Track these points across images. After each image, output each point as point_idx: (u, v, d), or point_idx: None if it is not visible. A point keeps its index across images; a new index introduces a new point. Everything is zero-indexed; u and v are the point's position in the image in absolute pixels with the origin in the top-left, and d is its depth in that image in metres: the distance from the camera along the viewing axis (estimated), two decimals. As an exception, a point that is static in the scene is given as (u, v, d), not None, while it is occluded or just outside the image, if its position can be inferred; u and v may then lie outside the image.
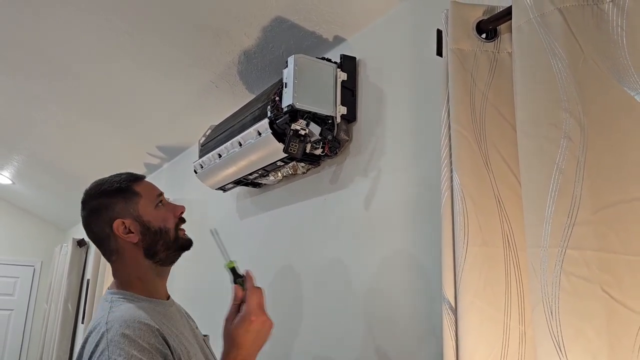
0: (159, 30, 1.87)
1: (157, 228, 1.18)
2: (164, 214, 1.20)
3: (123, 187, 1.20)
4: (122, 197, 1.19)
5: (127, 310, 1.08)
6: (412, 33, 1.40)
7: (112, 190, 1.20)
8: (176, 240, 1.21)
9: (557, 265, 0.80)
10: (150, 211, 1.19)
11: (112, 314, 1.07)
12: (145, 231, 1.18)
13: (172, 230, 1.20)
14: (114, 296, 1.16)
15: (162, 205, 1.21)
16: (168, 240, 1.19)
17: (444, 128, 1.03)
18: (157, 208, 1.20)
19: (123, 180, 1.21)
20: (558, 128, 0.84)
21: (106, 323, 1.04)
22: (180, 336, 1.12)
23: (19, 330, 5.56)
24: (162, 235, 1.19)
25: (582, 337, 0.77)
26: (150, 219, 1.18)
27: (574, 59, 0.85)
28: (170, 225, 1.20)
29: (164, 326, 1.08)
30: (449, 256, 0.97)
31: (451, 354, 0.94)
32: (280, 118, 1.50)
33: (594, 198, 0.79)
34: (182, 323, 1.21)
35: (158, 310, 1.15)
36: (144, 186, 1.22)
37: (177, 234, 1.21)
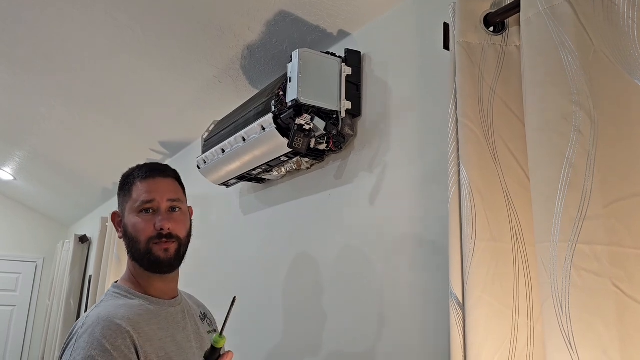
0: (161, 24, 1.86)
1: (130, 234, 1.14)
2: (142, 223, 1.13)
3: (126, 181, 1.19)
4: (122, 190, 1.20)
5: (109, 307, 1.07)
6: (418, 27, 1.39)
7: (122, 180, 1.21)
8: (146, 253, 1.12)
9: (568, 260, 0.79)
10: (130, 216, 1.15)
11: (96, 309, 1.08)
12: (124, 232, 1.17)
13: (142, 243, 1.12)
14: (112, 290, 1.16)
15: (149, 213, 1.14)
16: (138, 249, 1.13)
17: (451, 122, 1.02)
18: (139, 214, 1.14)
19: (131, 175, 1.19)
20: (568, 121, 0.83)
21: (85, 317, 1.05)
22: (166, 340, 1.09)
23: (22, 326, 5.57)
24: (133, 242, 1.14)
25: (593, 332, 0.76)
26: (128, 223, 1.15)
27: (584, 51, 0.84)
28: (142, 237, 1.12)
29: (146, 328, 1.06)
30: (456, 251, 0.97)
31: (459, 349, 0.93)
32: (284, 113, 1.49)
33: (604, 192, 0.78)
34: (182, 325, 1.17)
35: (150, 309, 1.12)
36: (142, 187, 1.16)
37: (149, 249, 1.12)
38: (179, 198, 1.19)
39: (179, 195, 1.20)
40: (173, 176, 1.22)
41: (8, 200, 5.64)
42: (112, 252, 3.50)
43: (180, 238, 1.16)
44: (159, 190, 1.16)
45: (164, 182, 1.18)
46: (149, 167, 1.20)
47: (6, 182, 5.01)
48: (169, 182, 1.20)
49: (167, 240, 1.13)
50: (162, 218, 1.13)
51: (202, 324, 1.27)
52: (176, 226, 1.15)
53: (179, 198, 1.19)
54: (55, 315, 4.68)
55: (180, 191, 1.22)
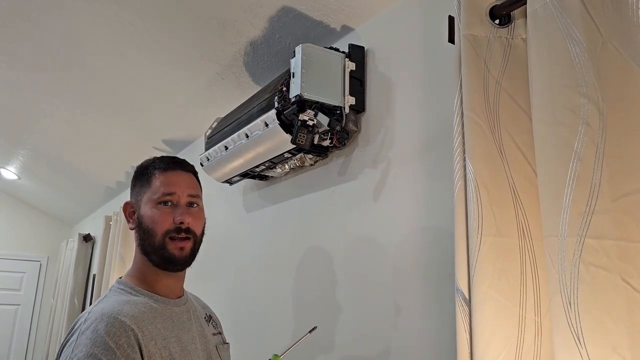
0: (164, 21, 1.86)
1: (146, 226, 1.10)
2: (161, 215, 1.10)
3: (144, 172, 1.16)
4: (139, 180, 1.16)
5: (113, 303, 1.04)
6: (422, 21, 1.37)
7: (138, 171, 1.18)
8: (161, 247, 1.09)
9: (576, 254, 0.78)
10: (147, 207, 1.11)
11: (100, 304, 1.05)
12: (140, 224, 1.12)
13: (158, 236, 1.09)
14: (117, 285, 1.13)
15: (168, 205, 1.11)
16: (152, 243, 1.09)
17: (456, 116, 1.01)
18: (157, 207, 1.10)
19: (151, 166, 1.16)
20: (576, 114, 0.82)
21: (89, 313, 1.02)
22: (170, 340, 1.06)
23: (26, 325, 5.58)
24: (148, 235, 1.10)
25: (602, 328, 0.75)
26: (145, 214, 1.11)
27: (593, 43, 0.83)
28: (158, 230, 1.09)
29: (150, 327, 1.03)
30: (462, 247, 0.95)
31: (465, 346, 0.92)
32: (287, 109, 1.48)
33: (613, 185, 0.77)
34: (187, 326, 1.14)
35: (155, 308, 1.08)
36: (162, 179, 1.13)
37: (164, 244, 1.09)
38: (197, 194, 1.16)
39: (197, 191, 1.17)
40: (192, 171, 1.19)
41: (12, 199, 5.65)
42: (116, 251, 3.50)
43: (196, 235, 1.13)
44: (180, 183, 1.13)
45: (185, 176, 1.16)
46: (169, 159, 1.17)
47: (10, 181, 5.02)
48: (189, 177, 1.17)
49: (185, 235, 1.10)
50: (183, 212, 1.10)
51: (208, 325, 1.24)
52: (194, 222, 1.12)
53: (197, 194, 1.16)
54: (59, 314, 4.69)
55: (198, 187, 1.19)
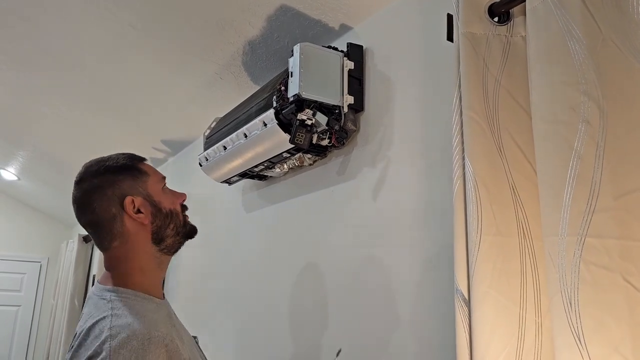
0: (162, 21, 1.85)
1: (167, 210, 1.13)
2: (170, 197, 1.15)
3: (129, 164, 1.12)
4: (129, 174, 1.10)
5: (136, 317, 0.97)
6: (421, 19, 1.36)
7: (117, 166, 1.10)
8: (184, 224, 1.16)
9: (576, 254, 0.77)
10: (159, 192, 1.13)
11: (117, 319, 0.96)
12: (157, 212, 1.11)
13: (180, 214, 1.15)
14: (113, 295, 1.03)
15: (166, 189, 1.17)
16: (178, 224, 1.14)
17: (455, 115, 1.00)
18: (165, 190, 1.15)
19: (128, 158, 1.13)
20: (576, 112, 0.81)
21: (110, 328, 0.94)
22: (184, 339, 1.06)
23: (26, 325, 5.57)
24: (172, 218, 1.13)
25: (603, 328, 0.74)
26: (161, 199, 1.12)
27: (593, 40, 0.82)
28: (178, 209, 1.15)
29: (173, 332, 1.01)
30: (461, 246, 0.94)
31: (464, 347, 0.91)
32: (286, 108, 1.47)
33: (614, 184, 0.76)
34: (178, 323, 1.14)
35: (162, 311, 1.06)
36: (149, 167, 1.16)
37: (185, 219, 1.17)
38: None
39: None
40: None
41: (12, 200, 5.65)
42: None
43: None
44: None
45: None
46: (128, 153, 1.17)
47: (10, 182, 5.01)
48: None
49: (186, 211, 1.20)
50: (179, 192, 1.19)
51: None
52: None
53: None
54: (59, 314, 4.69)
55: None
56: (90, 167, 1.11)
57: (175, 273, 2.79)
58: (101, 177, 1.09)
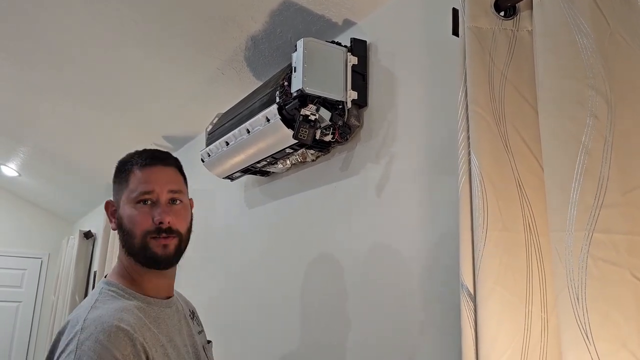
0: (164, 16, 1.84)
1: (126, 227, 1.05)
2: (138, 216, 1.04)
3: (122, 168, 1.10)
4: (117, 179, 1.11)
5: (111, 310, 0.97)
6: (425, 14, 1.36)
7: (117, 168, 1.12)
8: (142, 248, 1.04)
9: (584, 249, 0.77)
10: (126, 207, 1.06)
11: (93, 311, 0.98)
12: (119, 225, 1.07)
13: (138, 238, 1.04)
14: (106, 287, 1.05)
15: (147, 204, 1.05)
16: (132, 244, 1.04)
17: (461, 110, 1.00)
18: (135, 206, 1.05)
19: (129, 162, 1.09)
20: (583, 106, 0.80)
21: (83, 321, 0.95)
22: (167, 345, 1.02)
23: (27, 321, 5.58)
24: (128, 236, 1.05)
25: (611, 324, 0.73)
26: (124, 215, 1.06)
27: (600, 34, 0.81)
28: (137, 231, 1.04)
29: (149, 332, 0.99)
30: (467, 242, 0.94)
31: (470, 343, 0.91)
32: (289, 103, 1.47)
33: (622, 179, 0.76)
34: (178, 327, 1.10)
35: (148, 311, 1.04)
36: (140, 176, 1.07)
37: (145, 243, 1.04)
38: (180, 189, 1.10)
39: (180, 187, 1.10)
40: (174, 165, 1.13)
41: (12, 196, 5.65)
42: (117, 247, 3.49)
43: (180, 233, 1.07)
44: (159, 180, 1.07)
45: (165, 171, 1.09)
46: (148, 153, 1.11)
47: (11, 178, 5.01)
48: (170, 172, 1.10)
49: (166, 235, 1.04)
50: (162, 210, 1.04)
51: (193, 324, 1.20)
52: (176, 220, 1.06)
53: (180, 189, 1.10)
54: (60, 310, 4.69)
55: (181, 182, 1.12)
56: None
57: (176, 269, 2.78)
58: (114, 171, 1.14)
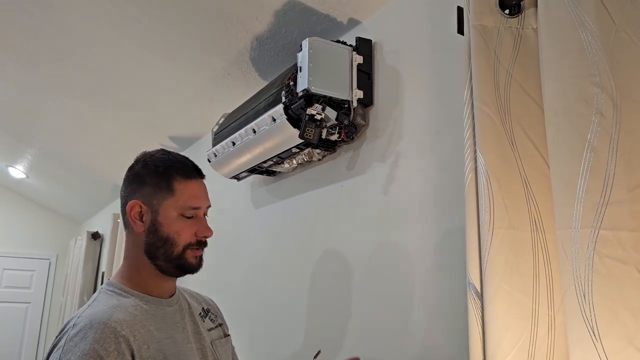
0: (169, 17, 1.85)
1: (165, 235, 1.07)
2: (183, 227, 1.08)
3: (163, 175, 1.10)
4: (156, 182, 1.09)
5: (103, 307, 1.01)
6: (430, 12, 1.36)
7: (154, 169, 1.10)
8: (179, 257, 1.08)
9: (590, 246, 0.77)
10: (170, 216, 1.08)
11: (88, 309, 1.02)
12: (152, 229, 1.08)
13: (179, 246, 1.08)
14: (105, 288, 1.10)
15: (191, 218, 1.10)
16: (170, 252, 1.08)
17: (466, 108, 1.00)
18: (181, 218, 1.08)
19: (170, 168, 1.10)
20: (589, 104, 0.80)
21: (77, 318, 1.00)
22: (165, 341, 1.04)
23: (36, 322, 5.62)
24: (166, 244, 1.08)
25: (618, 321, 0.73)
26: (165, 223, 1.08)
27: (605, 31, 0.81)
28: (180, 241, 1.08)
29: (143, 330, 1.01)
30: (473, 240, 0.94)
31: (477, 340, 0.91)
32: (295, 103, 1.47)
33: (628, 176, 0.76)
34: (182, 326, 1.12)
35: (146, 309, 1.06)
36: (187, 189, 1.10)
37: (184, 254, 1.09)
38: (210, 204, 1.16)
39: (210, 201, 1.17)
40: (204, 177, 1.17)
41: (21, 198, 5.69)
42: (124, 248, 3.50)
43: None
44: (203, 196, 1.13)
45: (204, 186, 1.15)
46: (190, 165, 1.13)
47: (19, 180, 5.05)
48: (205, 186, 1.16)
49: (202, 247, 1.12)
50: (205, 227, 1.11)
51: (203, 321, 1.21)
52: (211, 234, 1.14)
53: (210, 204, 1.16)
54: (69, 311, 4.72)
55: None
56: (146, 155, 1.14)
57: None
58: (141, 169, 1.12)
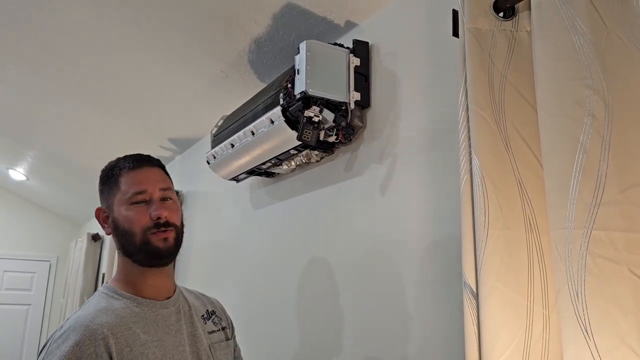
0: (168, 20, 1.86)
1: (122, 228, 1.10)
2: (135, 215, 1.09)
3: (110, 174, 1.14)
4: (107, 185, 1.14)
5: (90, 310, 1.04)
6: (426, 15, 1.37)
7: (104, 175, 1.16)
8: (143, 244, 1.08)
9: (583, 246, 0.78)
10: (120, 209, 1.10)
11: (77, 312, 1.05)
12: (114, 228, 1.11)
13: (137, 235, 1.08)
14: (101, 290, 1.13)
15: (141, 204, 1.10)
16: (134, 242, 1.08)
17: (461, 110, 1.01)
18: (131, 207, 1.09)
19: (116, 167, 1.14)
20: (581, 106, 0.82)
21: (67, 320, 1.03)
22: (150, 344, 1.03)
23: (37, 324, 5.63)
24: (126, 236, 1.09)
25: (610, 319, 0.75)
26: (119, 217, 1.10)
27: (597, 34, 0.83)
28: (136, 229, 1.08)
29: (127, 333, 1.01)
30: (469, 240, 0.95)
31: (473, 340, 0.92)
32: (293, 105, 1.48)
33: (620, 177, 0.77)
34: (175, 328, 1.11)
35: (136, 312, 1.07)
36: (131, 178, 1.12)
37: (146, 239, 1.08)
38: (169, 187, 1.16)
39: (169, 184, 1.17)
40: (159, 165, 1.18)
41: (21, 200, 5.70)
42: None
43: (177, 225, 1.12)
44: (149, 180, 1.12)
45: (153, 172, 1.15)
46: (134, 157, 1.16)
47: (19, 182, 5.05)
48: (157, 172, 1.16)
49: (165, 229, 1.09)
50: (157, 207, 1.09)
51: (205, 323, 1.21)
52: (172, 214, 1.11)
53: (169, 187, 1.16)
54: (69, 313, 4.72)
55: (169, 180, 1.19)
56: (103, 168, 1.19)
57: (183, 271, 2.81)
58: (99, 179, 1.18)
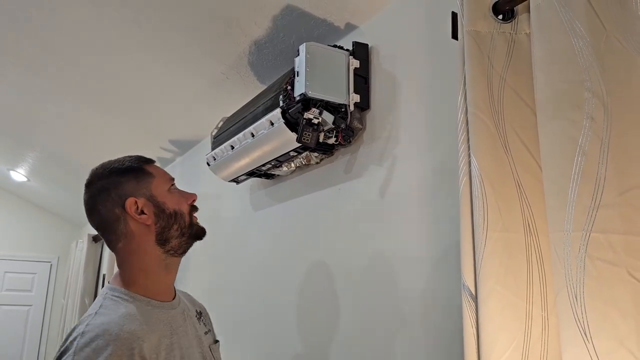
0: (169, 21, 1.86)
1: (171, 210, 1.12)
2: (178, 198, 1.15)
3: (135, 166, 1.14)
4: (133, 176, 1.12)
5: (113, 317, 1.00)
6: (426, 18, 1.37)
7: (123, 168, 1.13)
8: (191, 226, 1.15)
9: (582, 249, 0.78)
10: (164, 193, 1.13)
11: (97, 317, 1.00)
12: (160, 213, 1.11)
13: (186, 215, 1.14)
14: (110, 293, 1.08)
15: (174, 189, 1.17)
16: (183, 225, 1.13)
17: (460, 112, 1.01)
18: (169, 192, 1.15)
19: (134, 160, 1.15)
20: (580, 109, 0.81)
21: (85, 326, 0.97)
22: (173, 347, 1.04)
23: (38, 325, 5.63)
24: (176, 218, 1.12)
25: (609, 322, 0.75)
26: (165, 200, 1.12)
27: (596, 36, 0.83)
28: (184, 209, 1.14)
29: (153, 338, 1.00)
30: (468, 243, 0.95)
31: (472, 342, 0.92)
32: (292, 107, 1.48)
33: (619, 179, 0.77)
34: (184, 329, 1.12)
35: (157, 316, 1.07)
36: (156, 168, 1.17)
37: (192, 220, 1.16)
38: None
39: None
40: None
41: (22, 201, 5.70)
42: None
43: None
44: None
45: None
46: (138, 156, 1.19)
47: (20, 183, 5.06)
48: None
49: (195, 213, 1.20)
50: (189, 193, 1.19)
51: (199, 324, 1.22)
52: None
53: None
54: (70, 314, 4.73)
55: None
56: (97, 170, 1.15)
57: (183, 272, 2.81)
58: (106, 180, 1.12)
